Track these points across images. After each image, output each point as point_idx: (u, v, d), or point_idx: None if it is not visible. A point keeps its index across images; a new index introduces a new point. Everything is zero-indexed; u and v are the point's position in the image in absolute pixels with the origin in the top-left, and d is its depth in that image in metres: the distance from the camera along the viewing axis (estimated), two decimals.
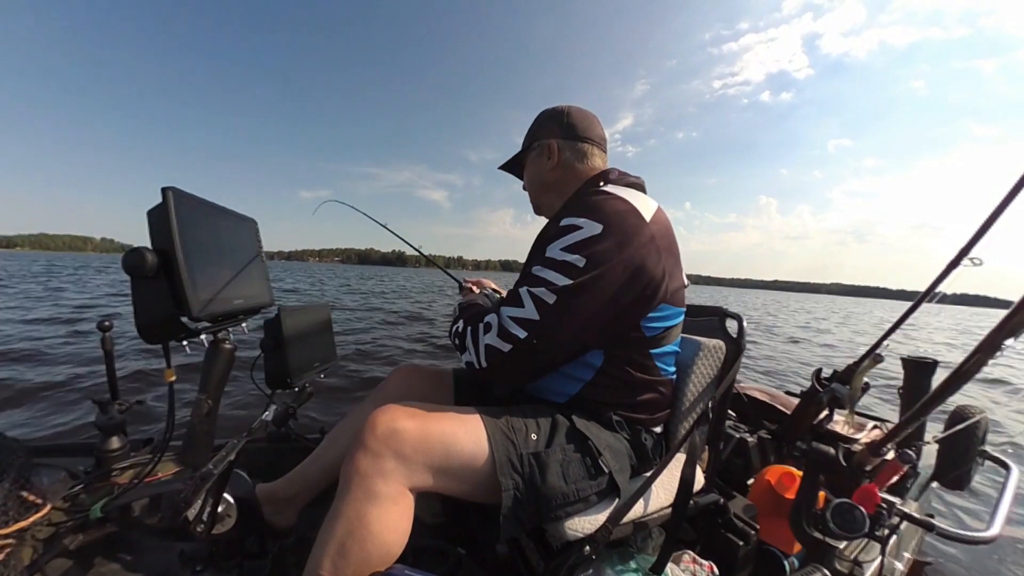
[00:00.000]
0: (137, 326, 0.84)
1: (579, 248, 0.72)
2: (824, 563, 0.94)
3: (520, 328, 0.73)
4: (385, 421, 0.70)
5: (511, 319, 0.74)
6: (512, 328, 0.73)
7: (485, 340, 0.76)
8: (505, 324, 0.74)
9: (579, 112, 0.98)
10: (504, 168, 1.13)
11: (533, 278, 0.75)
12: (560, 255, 0.73)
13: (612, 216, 0.74)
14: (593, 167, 0.97)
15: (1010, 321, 0.69)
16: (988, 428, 1.14)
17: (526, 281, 0.77)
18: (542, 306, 0.72)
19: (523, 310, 0.73)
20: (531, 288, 0.74)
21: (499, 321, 0.76)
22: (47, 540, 0.93)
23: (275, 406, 1.44)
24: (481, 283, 1.19)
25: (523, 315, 0.73)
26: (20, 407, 2.72)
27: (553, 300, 0.72)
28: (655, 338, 0.83)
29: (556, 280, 0.72)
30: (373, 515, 0.67)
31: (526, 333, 0.72)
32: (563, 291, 0.71)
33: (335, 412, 2.95)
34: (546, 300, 0.72)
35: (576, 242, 0.73)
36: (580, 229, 0.73)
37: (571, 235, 0.74)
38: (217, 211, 0.99)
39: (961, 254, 1.12)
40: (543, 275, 0.74)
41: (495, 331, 0.75)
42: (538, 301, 0.73)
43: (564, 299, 0.71)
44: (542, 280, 0.73)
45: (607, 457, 0.79)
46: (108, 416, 1.15)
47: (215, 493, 0.86)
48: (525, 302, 0.74)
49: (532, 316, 0.72)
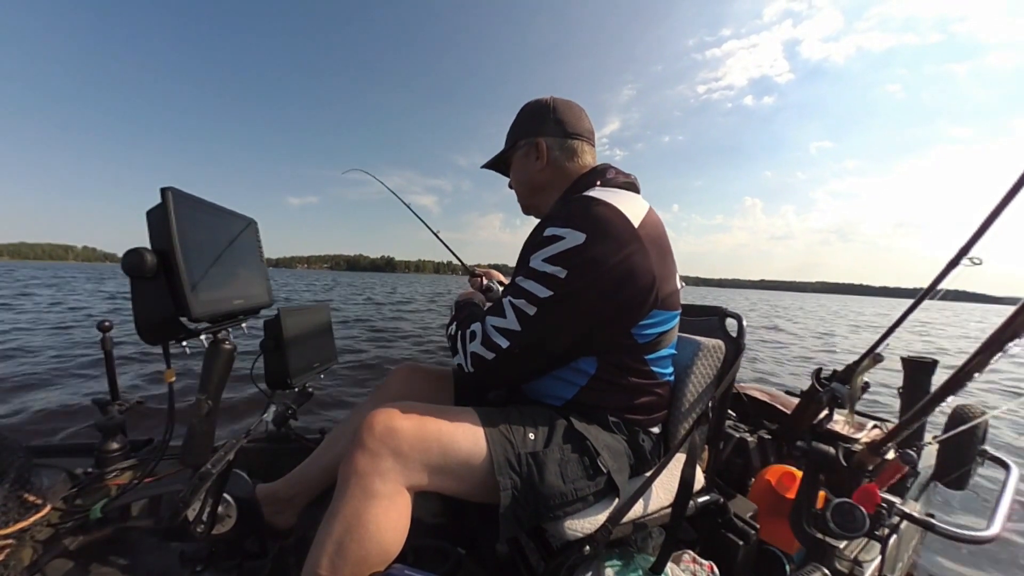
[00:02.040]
0: (137, 327, 0.84)
1: (560, 259, 0.71)
2: (824, 563, 0.94)
3: (503, 338, 0.74)
4: (382, 420, 0.71)
5: (494, 328, 0.75)
6: (495, 338, 0.75)
7: (471, 348, 0.78)
8: (489, 333, 0.76)
9: (565, 105, 0.94)
10: (488, 166, 1.09)
11: (516, 288, 0.76)
12: (541, 266, 0.73)
13: (595, 225, 0.72)
14: (584, 164, 0.94)
15: (1014, 321, 0.69)
16: (988, 428, 1.14)
17: (510, 291, 0.78)
18: (523, 317, 0.73)
19: (505, 320, 0.75)
20: (513, 300, 0.75)
21: (483, 330, 0.77)
22: (47, 541, 0.93)
23: (275, 407, 1.45)
24: (489, 274, 1.22)
25: (505, 325, 0.74)
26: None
27: (534, 312, 0.72)
28: (649, 344, 0.81)
29: (537, 292, 0.72)
30: (371, 514, 0.67)
31: (508, 343, 0.74)
32: (543, 303, 0.72)
33: (335, 412, 2.95)
34: (527, 312, 0.73)
35: (557, 253, 0.72)
36: (562, 239, 0.72)
37: (553, 246, 0.73)
38: (217, 211, 0.99)
39: (961, 253, 1.12)
40: (525, 286, 0.74)
41: (479, 340, 0.77)
42: (519, 312, 0.73)
43: (544, 311, 0.72)
44: (524, 291, 0.74)
45: (605, 457, 0.78)
46: (108, 417, 1.15)
47: (214, 493, 0.86)
48: (507, 313, 0.75)
49: (514, 327, 0.73)
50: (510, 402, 0.96)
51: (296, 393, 1.51)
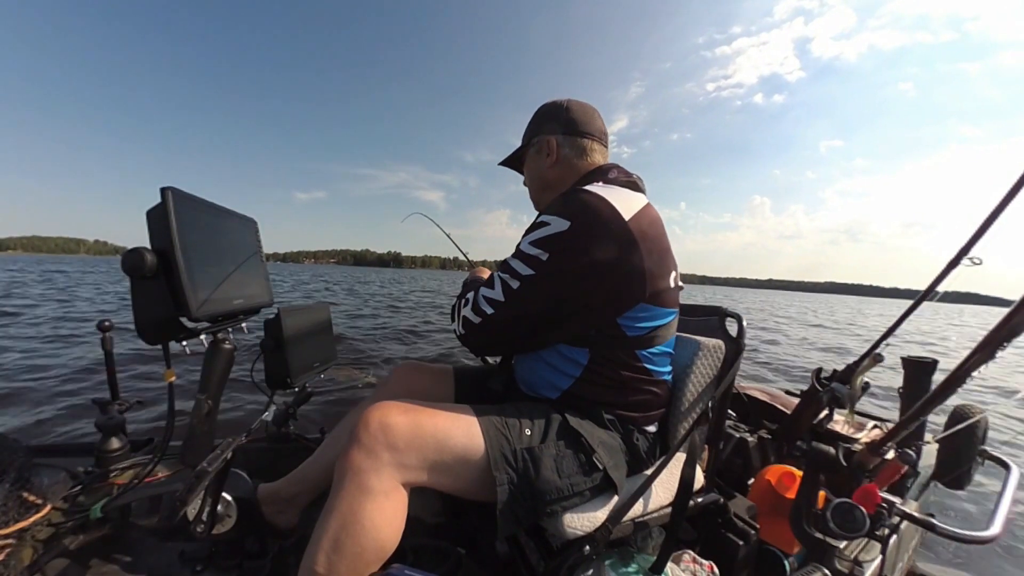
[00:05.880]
0: (137, 327, 0.84)
1: (544, 243, 0.77)
2: (824, 563, 0.94)
3: (489, 306, 0.81)
4: (378, 416, 0.71)
5: (484, 298, 0.82)
6: (483, 305, 0.82)
7: (464, 312, 0.85)
8: (479, 301, 0.83)
9: (579, 106, 0.97)
10: (505, 164, 1.13)
11: (506, 265, 0.83)
12: (528, 248, 0.79)
13: (581, 214, 0.76)
14: (592, 163, 0.96)
15: (1010, 321, 0.69)
16: (988, 428, 1.14)
17: (501, 267, 0.85)
18: (507, 290, 0.79)
19: (493, 291, 0.81)
20: (501, 274, 0.82)
21: (475, 298, 0.84)
22: (47, 540, 0.93)
23: (275, 406, 1.45)
24: (481, 272, 1.23)
25: (493, 296, 0.81)
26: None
27: (516, 286, 0.78)
28: (641, 338, 0.82)
29: (521, 270, 0.78)
30: (367, 510, 0.68)
31: (492, 311, 0.81)
32: (525, 279, 0.78)
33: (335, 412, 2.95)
34: (511, 285, 0.79)
35: (542, 237, 0.77)
36: (549, 225, 0.77)
37: (541, 230, 0.78)
38: (217, 211, 0.99)
39: (961, 253, 1.12)
40: (513, 264, 0.81)
41: (471, 306, 0.84)
42: (505, 285, 0.80)
43: (524, 287, 0.78)
44: (511, 268, 0.80)
45: (601, 453, 0.79)
46: (108, 416, 1.15)
47: (214, 493, 0.86)
48: (496, 285, 0.82)
49: (499, 297, 0.80)
50: (507, 399, 0.97)
51: (296, 393, 1.51)
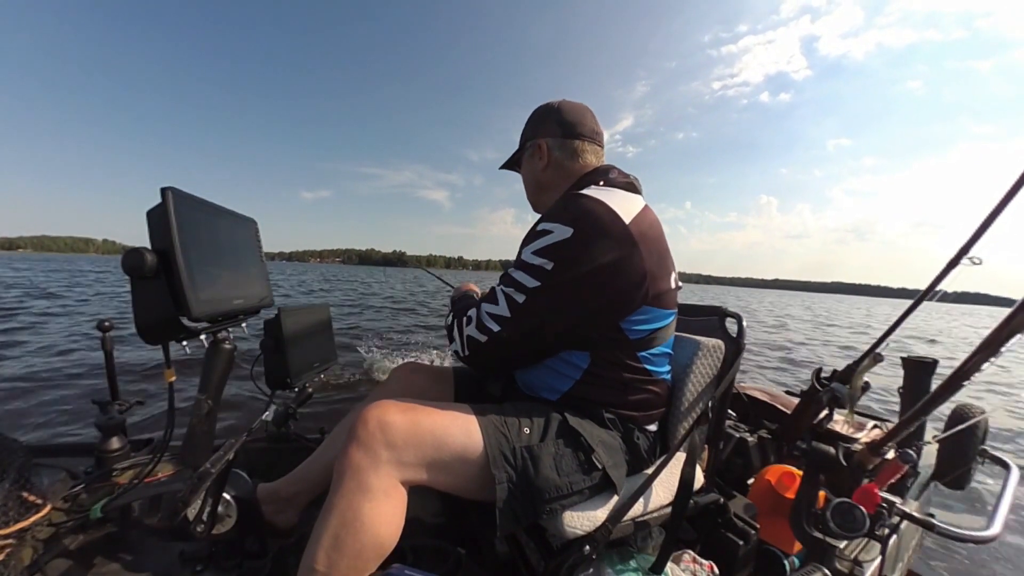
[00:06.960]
0: (137, 327, 0.84)
1: (548, 252, 0.75)
2: (824, 563, 0.94)
3: (494, 323, 0.79)
4: (376, 415, 0.71)
5: (488, 314, 0.80)
6: (488, 322, 0.79)
7: (467, 331, 0.83)
8: (482, 318, 0.81)
9: (570, 107, 0.97)
10: (505, 167, 1.14)
11: (508, 278, 0.81)
12: (531, 258, 0.77)
13: (583, 220, 0.75)
14: (586, 164, 0.96)
15: (1012, 321, 0.69)
16: (988, 428, 1.14)
17: (503, 280, 0.82)
18: (513, 304, 0.78)
19: (497, 307, 0.79)
20: (504, 288, 0.80)
21: (478, 315, 0.82)
22: (47, 540, 0.93)
23: (275, 406, 1.45)
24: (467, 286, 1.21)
25: (497, 311, 0.79)
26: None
27: (522, 300, 0.77)
28: (641, 340, 0.83)
29: (526, 282, 0.77)
30: (366, 508, 0.68)
31: (499, 327, 0.78)
32: (531, 292, 0.76)
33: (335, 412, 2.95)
34: (516, 299, 0.77)
35: (546, 246, 0.76)
36: (551, 233, 0.76)
37: (543, 239, 0.77)
38: (217, 211, 0.99)
39: (961, 253, 1.12)
40: (516, 276, 0.79)
41: (474, 324, 0.82)
42: (510, 300, 0.78)
43: (531, 300, 0.76)
44: (514, 281, 0.78)
45: (600, 453, 0.79)
46: (108, 416, 1.15)
47: (214, 493, 0.86)
48: (499, 300, 0.80)
49: (504, 313, 0.78)
50: (507, 398, 0.97)
51: (296, 393, 1.51)
